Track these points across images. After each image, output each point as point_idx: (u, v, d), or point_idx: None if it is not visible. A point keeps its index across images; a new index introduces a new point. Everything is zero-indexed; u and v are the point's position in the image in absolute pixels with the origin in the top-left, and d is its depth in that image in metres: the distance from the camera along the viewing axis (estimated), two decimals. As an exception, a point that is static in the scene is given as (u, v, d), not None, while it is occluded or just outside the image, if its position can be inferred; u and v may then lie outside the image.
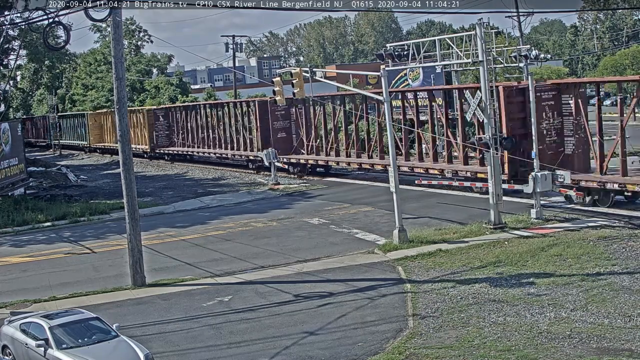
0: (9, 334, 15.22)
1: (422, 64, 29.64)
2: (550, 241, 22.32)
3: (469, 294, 17.87)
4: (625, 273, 18.58)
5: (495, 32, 27.70)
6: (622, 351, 13.77)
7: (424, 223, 26.46)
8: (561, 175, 26.04)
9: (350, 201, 32.43)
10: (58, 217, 32.61)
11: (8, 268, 24.28)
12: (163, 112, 59.48)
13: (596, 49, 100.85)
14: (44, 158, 72.10)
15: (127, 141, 21.09)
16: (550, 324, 15.45)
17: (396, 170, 24.20)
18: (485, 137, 24.97)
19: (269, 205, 33.43)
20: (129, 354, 13.93)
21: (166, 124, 58.67)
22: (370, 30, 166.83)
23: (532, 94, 26.24)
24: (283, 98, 28.36)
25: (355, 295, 18.67)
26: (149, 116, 58.86)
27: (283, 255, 23.54)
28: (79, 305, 18.08)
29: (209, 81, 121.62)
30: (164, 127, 58.76)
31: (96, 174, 54.69)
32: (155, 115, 58.87)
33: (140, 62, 79.75)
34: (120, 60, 20.95)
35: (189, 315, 17.92)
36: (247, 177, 44.52)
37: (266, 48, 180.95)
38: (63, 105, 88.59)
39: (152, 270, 21.85)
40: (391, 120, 24.87)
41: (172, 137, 58.00)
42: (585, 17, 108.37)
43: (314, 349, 15.11)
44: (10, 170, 39.23)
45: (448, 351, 14.39)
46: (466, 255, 21.68)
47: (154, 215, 32.79)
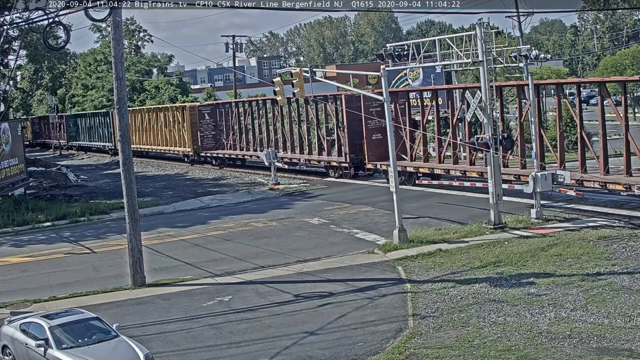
0: (9, 334, 15.21)
1: (422, 64, 29.64)
2: (550, 241, 22.31)
3: (469, 294, 17.87)
4: (625, 273, 18.58)
5: (495, 32, 27.67)
6: (622, 351, 13.77)
7: (424, 223, 26.46)
8: (561, 175, 26.03)
9: (350, 201, 32.43)
10: (58, 217, 32.60)
11: (8, 268, 24.28)
12: (209, 109, 53.17)
13: (596, 49, 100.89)
14: (44, 158, 72.07)
15: (127, 141, 21.10)
16: (550, 324, 15.45)
17: (396, 170, 24.21)
18: (485, 137, 24.97)
19: (269, 205, 33.43)
20: (129, 354, 13.93)
21: (212, 122, 52.49)
22: (370, 30, 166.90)
23: (532, 93, 26.23)
24: (284, 98, 28.38)
25: (355, 295, 18.68)
26: (192, 114, 52.37)
27: (283, 255, 23.54)
28: (79, 305, 18.07)
29: (209, 81, 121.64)
30: (209, 126, 52.44)
31: (96, 173, 54.69)
32: (199, 113, 52.36)
33: (140, 62, 79.75)
34: (120, 60, 20.95)
35: (189, 315, 17.91)
36: (247, 177, 44.51)
37: (266, 48, 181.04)
38: (63, 106, 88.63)
39: (152, 270, 21.85)
40: (391, 120, 24.89)
41: (220, 138, 51.92)
42: (585, 17, 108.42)
43: (314, 349, 15.11)
44: (10, 170, 39.21)
45: (448, 351, 14.39)
46: (466, 255, 21.68)
47: (154, 215, 32.80)
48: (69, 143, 77.70)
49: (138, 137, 60.29)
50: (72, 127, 76.97)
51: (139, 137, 60.54)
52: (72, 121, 77.28)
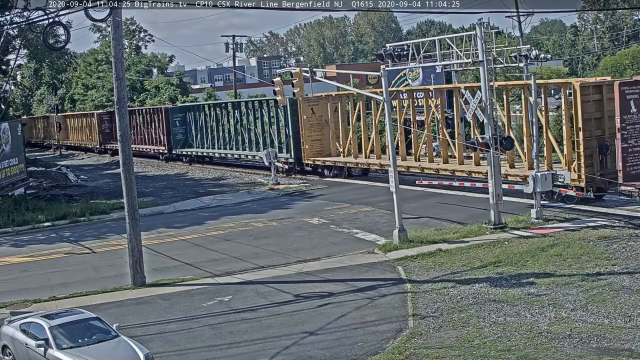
0: (9, 334, 15.21)
1: (422, 64, 29.62)
2: (550, 241, 22.31)
3: (469, 294, 17.87)
4: (625, 273, 18.58)
5: (495, 32, 27.67)
6: (622, 351, 13.77)
7: (424, 223, 26.46)
8: (561, 175, 26.04)
9: (350, 201, 32.43)
10: (58, 217, 32.59)
11: (8, 268, 24.28)
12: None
13: (596, 49, 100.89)
14: (44, 158, 72.07)
15: (127, 141, 21.10)
16: (550, 324, 15.46)
17: (396, 170, 24.20)
18: (485, 137, 24.97)
19: (269, 205, 33.43)
20: (129, 353, 13.93)
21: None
22: (370, 30, 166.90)
23: (534, 93, 26.23)
24: (284, 98, 28.36)
25: (355, 295, 18.67)
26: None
27: (283, 255, 23.54)
28: (79, 305, 18.07)
29: (209, 81, 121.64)
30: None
31: (96, 173, 54.69)
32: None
33: (140, 62, 79.76)
34: (120, 60, 20.95)
35: (189, 315, 17.92)
36: (247, 177, 44.52)
37: (266, 48, 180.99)
38: (63, 106, 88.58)
39: (152, 270, 21.85)
40: (391, 120, 24.89)
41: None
42: (585, 17, 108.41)
43: (314, 349, 15.11)
44: (10, 170, 39.19)
45: (448, 351, 14.39)
46: (466, 255, 21.68)
47: (154, 215, 32.80)
48: (176, 152, 55.79)
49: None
50: (178, 127, 56.17)
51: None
52: (178, 117, 56.34)
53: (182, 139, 55.98)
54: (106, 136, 67.78)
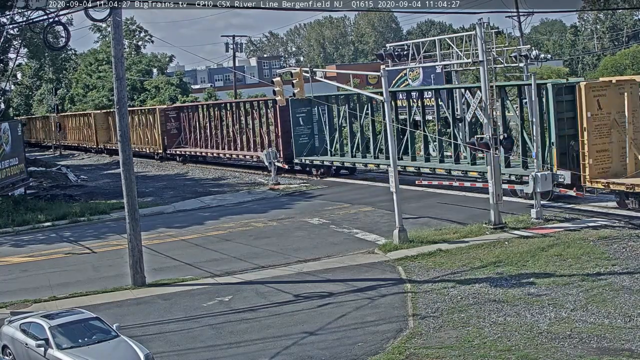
0: (9, 334, 15.21)
1: (422, 64, 29.63)
2: (551, 241, 22.32)
3: (469, 294, 17.87)
4: (625, 273, 18.58)
5: (495, 32, 27.65)
6: (622, 351, 13.77)
7: (424, 223, 26.46)
8: (561, 175, 26.04)
9: (350, 201, 32.43)
10: (58, 217, 32.59)
11: (8, 268, 24.28)
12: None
13: (596, 49, 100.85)
14: (44, 158, 72.06)
15: (127, 141, 21.10)
16: (550, 324, 15.45)
17: (396, 170, 24.20)
18: (485, 137, 24.97)
19: (269, 205, 33.43)
20: (129, 353, 13.93)
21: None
22: (370, 30, 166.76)
23: (534, 93, 26.23)
24: (284, 98, 28.34)
25: (355, 295, 18.67)
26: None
27: (283, 255, 23.54)
28: (79, 305, 18.06)
29: (209, 81, 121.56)
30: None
31: (96, 173, 54.68)
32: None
33: (140, 62, 79.71)
34: (120, 60, 20.94)
35: (189, 315, 17.92)
36: (247, 177, 44.53)
37: (266, 48, 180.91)
38: (63, 106, 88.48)
39: (152, 270, 21.85)
40: (391, 120, 24.89)
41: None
42: (585, 17, 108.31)
43: (314, 349, 15.11)
44: (11, 170, 39.19)
45: (448, 351, 14.39)
46: (466, 255, 21.68)
47: (154, 215, 32.79)
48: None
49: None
50: (302, 127, 41.25)
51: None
52: (302, 114, 40.95)
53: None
54: (174, 140, 58.84)
